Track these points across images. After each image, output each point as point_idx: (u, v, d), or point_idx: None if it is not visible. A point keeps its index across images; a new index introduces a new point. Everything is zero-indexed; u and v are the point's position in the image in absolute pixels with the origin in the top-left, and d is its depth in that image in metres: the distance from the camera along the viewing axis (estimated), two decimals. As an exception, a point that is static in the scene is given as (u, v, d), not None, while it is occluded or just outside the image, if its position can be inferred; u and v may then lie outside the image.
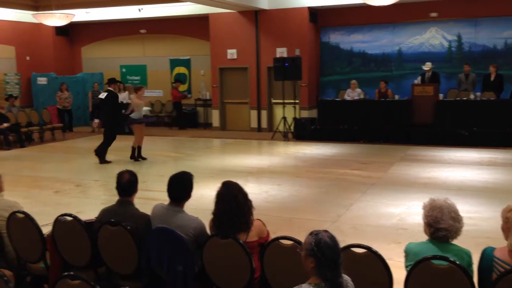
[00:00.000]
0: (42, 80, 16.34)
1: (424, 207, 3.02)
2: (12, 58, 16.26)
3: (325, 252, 2.34)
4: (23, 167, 10.07)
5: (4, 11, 15.46)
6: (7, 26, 15.88)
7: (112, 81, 10.39)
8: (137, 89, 10.64)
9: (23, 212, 3.87)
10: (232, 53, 14.71)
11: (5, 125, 12.47)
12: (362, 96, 13.07)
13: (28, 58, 16.69)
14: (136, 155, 10.34)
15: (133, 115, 10.25)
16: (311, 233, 2.44)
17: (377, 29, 13.87)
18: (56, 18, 13.47)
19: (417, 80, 12.31)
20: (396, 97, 12.67)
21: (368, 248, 2.97)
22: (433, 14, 13.24)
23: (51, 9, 13.84)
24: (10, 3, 15.18)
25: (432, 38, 13.39)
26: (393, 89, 13.05)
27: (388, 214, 6.32)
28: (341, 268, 2.40)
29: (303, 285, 2.37)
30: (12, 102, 13.80)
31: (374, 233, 5.65)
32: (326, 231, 2.44)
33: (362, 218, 6.23)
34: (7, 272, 3.38)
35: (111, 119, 10.20)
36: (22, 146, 12.61)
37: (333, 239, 2.40)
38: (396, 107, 12.34)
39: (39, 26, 15.75)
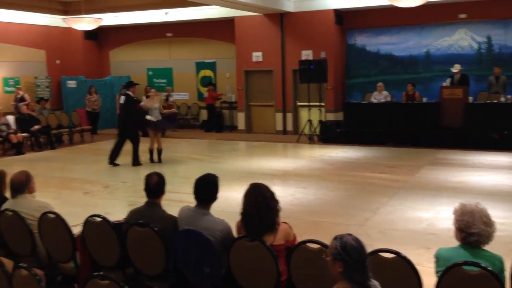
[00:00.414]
0: (71, 83, 16.67)
1: (455, 212, 2.96)
2: (42, 62, 16.65)
3: (352, 255, 2.34)
4: (54, 169, 10.28)
5: (35, 16, 15.86)
6: (38, 30, 16.28)
7: (130, 84, 10.30)
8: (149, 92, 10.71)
9: (54, 213, 3.95)
10: (257, 55, 14.74)
11: (36, 127, 12.80)
12: (388, 99, 12.91)
13: (58, 61, 17.07)
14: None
15: (148, 118, 10.19)
16: (335, 238, 2.44)
17: (404, 31, 13.68)
18: (85, 23, 13.71)
19: (446, 82, 12.10)
20: (424, 99, 12.48)
21: (397, 253, 2.93)
22: (462, 16, 12.99)
23: (81, 14, 14.13)
24: (41, 8, 15.58)
25: (461, 39, 13.13)
26: (420, 91, 12.84)
27: (417, 219, 6.22)
28: (369, 270, 2.38)
29: (331, 289, 2.36)
30: (43, 105, 14.14)
31: (402, 238, 5.56)
32: (350, 234, 2.45)
33: (390, 222, 6.14)
34: (39, 272, 3.45)
35: (127, 123, 10.07)
36: (52, 148, 12.88)
37: (358, 241, 2.40)
38: (424, 109, 12.15)
39: (69, 30, 16.09)
